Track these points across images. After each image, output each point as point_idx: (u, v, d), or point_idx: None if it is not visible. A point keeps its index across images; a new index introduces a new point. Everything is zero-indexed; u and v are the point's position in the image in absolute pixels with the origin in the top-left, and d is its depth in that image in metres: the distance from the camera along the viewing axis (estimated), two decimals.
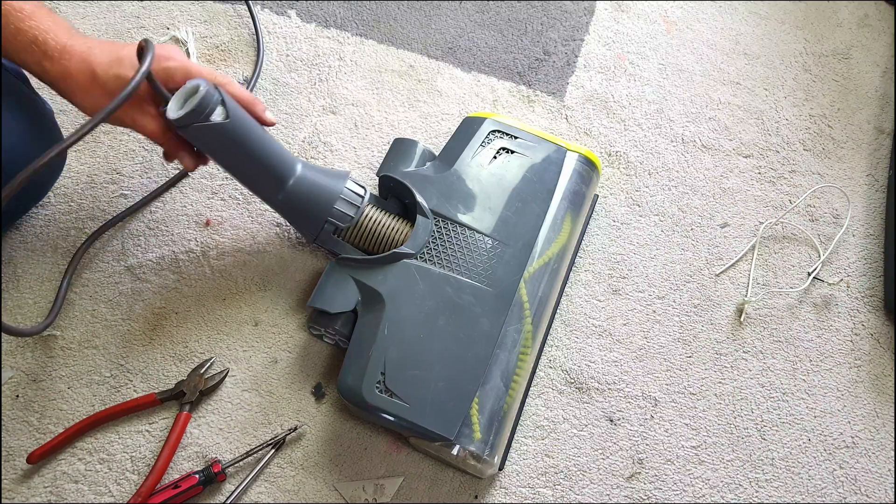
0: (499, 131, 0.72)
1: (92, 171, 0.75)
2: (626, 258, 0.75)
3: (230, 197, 0.75)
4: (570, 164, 0.71)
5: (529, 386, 0.67)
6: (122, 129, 0.77)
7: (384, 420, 0.59)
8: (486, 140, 0.71)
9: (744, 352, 0.72)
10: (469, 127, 0.73)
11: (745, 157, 0.82)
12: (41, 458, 0.61)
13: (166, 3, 0.85)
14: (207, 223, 0.73)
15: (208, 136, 0.58)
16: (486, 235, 0.66)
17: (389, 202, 0.70)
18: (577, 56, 0.86)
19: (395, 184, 0.68)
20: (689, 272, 0.75)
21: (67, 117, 0.77)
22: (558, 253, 0.68)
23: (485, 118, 0.73)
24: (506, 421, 0.61)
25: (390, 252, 0.64)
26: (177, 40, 0.82)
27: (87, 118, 0.52)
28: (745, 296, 0.74)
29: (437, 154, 0.73)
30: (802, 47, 0.90)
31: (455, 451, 0.58)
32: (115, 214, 0.72)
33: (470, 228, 0.66)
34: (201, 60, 0.82)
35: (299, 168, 0.64)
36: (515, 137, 0.72)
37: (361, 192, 0.67)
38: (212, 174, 0.76)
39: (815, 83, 0.87)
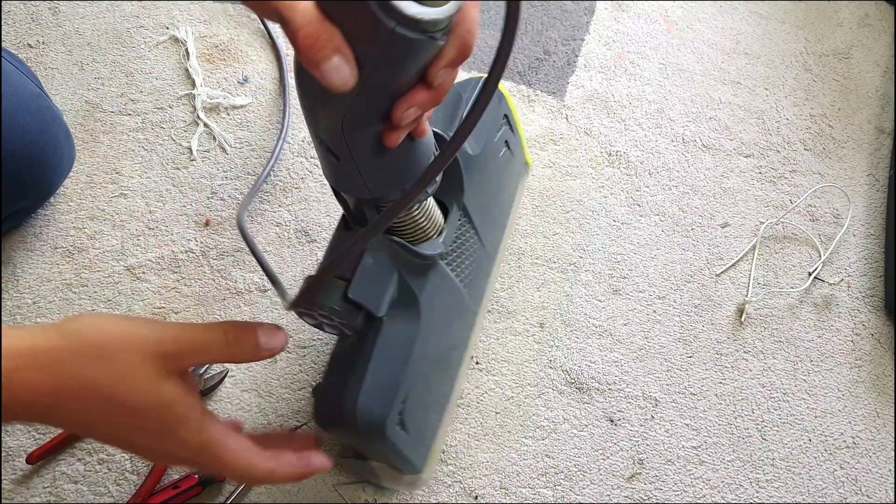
0: (507, 118, 0.60)
1: (91, 170, 0.75)
2: (627, 258, 0.75)
3: (230, 197, 0.75)
4: (524, 178, 0.69)
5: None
6: (121, 128, 0.77)
7: (371, 447, 0.51)
8: (501, 124, 0.59)
9: (744, 352, 0.71)
10: (492, 100, 0.57)
11: (746, 157, 0.82)
12: (40, 458, 0.61)
13: (166, 3, 0.84)
14: (207, 223, 0.73)
15: (409, 50, 0.33)
16: (482, 244, 0.57)
17: None
18: (577, 56, 0.86)
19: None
20: (690, 272, 0.75)
21: (66, 116, 0.76)
22: (496, 269, 0.62)
23: (502, 94, 0.60)
24: (437, 443, 0.57)
25: (438, 251, 0.50)
26: (176, 40, 0.82)
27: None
28: (746, 296, 0.74)
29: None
30: (803, 47, 0.90)
31: (404, 476, 0.53)
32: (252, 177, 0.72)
33: (476, 232, 0.56)
34: (201, 60, 0.81)
35: None
36: (514, 131, 0.62)
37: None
38: (211, 174, 0.75)
39: (815, 83, 0.87)
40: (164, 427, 0.37)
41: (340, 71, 0.33)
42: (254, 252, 0.57)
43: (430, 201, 0.51)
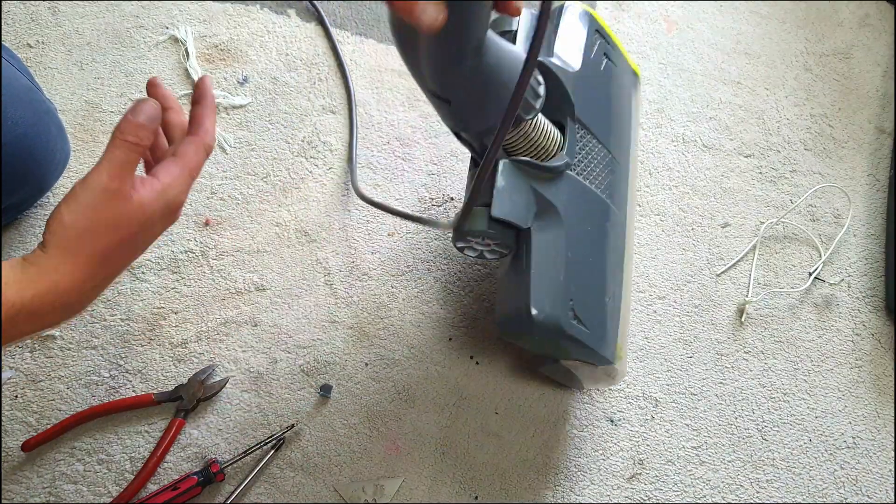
0: (599, 32, 0.63)
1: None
2: None
3: (229, 197, 0.74)
4: (638, 87, 0.68)
5: None
6: None
7: (554, 345, 0.55)
8: (594, 40, 0.62)
9: (745, 352, 0.71)
10: (573, 18, 0.62)
11: (746, 157, 0.82)
12: (36, 446, 0.61)
13: (165, 3, 0.84)
14: (207, 223, 0.73)
15: None
16: (608, 150, 0.60)
17: None
18: None
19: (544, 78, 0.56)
20: (690, 272, 0.75)
21: (65, 116, 0.76)
22: (633, 174, 0.65)
23: (586, 11, 0.63)
24: (626, 337, 0.61)
25: (564, 162, 0.56)
26: (176, 39, 0.82)
27: None
28: (746, 296, 0.74)
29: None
30: (803, 47, 0.90)
31: (603, 370, 0.57)
32: None
33: (598, 141, 0.60)
34: (200, 60, 0.81)
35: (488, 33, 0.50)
36: (610, 43, 0.64)
37: (541, 80, 0.55)
38: (211, 174, 0.75)
39: (815, 83, 0.87)
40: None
41: (428, 11, 0.39)
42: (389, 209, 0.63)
43: (542, 120, 0.56)
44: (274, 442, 0.63)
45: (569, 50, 0.60)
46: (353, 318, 0.70)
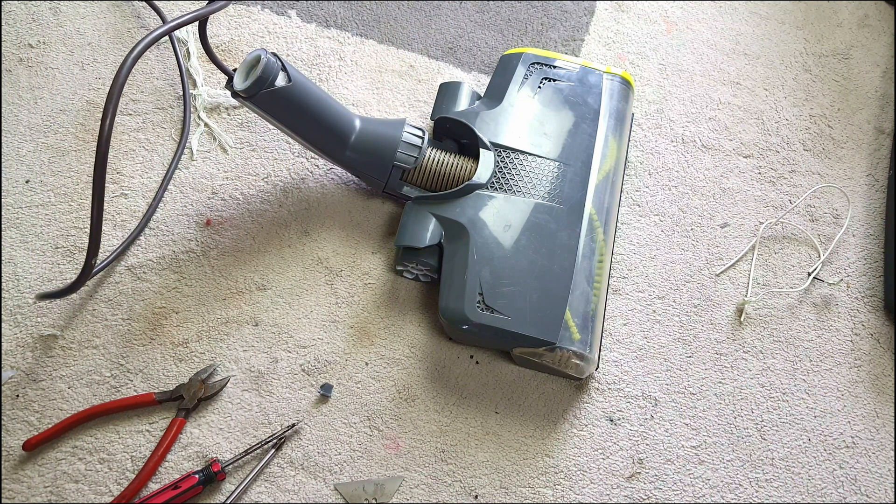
0: (538, 63, 0.76)
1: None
2: (626, 258, 0.75)
3: (230, 197, 0.75)
4: (608, 85, 0.76)
5: (608, 288, 0.71)
6: (122, 128, 0.77)
7: (488, 335, 0.63)
8: (528, 73, 0.76)
9: (744, 352, 0.72)
10: (508, 64, 0.77)
11: (745, 157, 0.82)
12: (37, 445, 0.61)
13: (166, 3, 0.85)
14: (208, 223, 0.73)
15: (275, 102, 0.63)
16: (546, 159, 0.70)
17: (446, 143, 0.75)
18: (577, 56, 0.86)
19: (452, 124, 0.73)
20: (689, 272, 0.75)
21: (67, 116, 0.76)
22: (613, 166, 0.73)
23: (521, 53, 0.77)
24: (596, 321, 0.65)
25: (463, 185, 0.68)
26: (177, 39, 0.82)
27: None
28: (745, 296, 0.74)
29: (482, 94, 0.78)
30: (802, 47, 0.90)
31: (558, 354, 0.62)
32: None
33: (531, 154, 0.71)
34: (201, 60, 0.82)
35: (358, 123, 0.69)
36: (554, 66, 0.76)
37: (420, 133, 0.71)
38: (212, 174, 0.76)
39: (815, 83, 0.87)
40: None
41: None
42: None
43: (439, 158, 0.71)
44: (275, 441, 0.63)
45: (492, 94, 0.75)
46: (353, 317, 0.70)
